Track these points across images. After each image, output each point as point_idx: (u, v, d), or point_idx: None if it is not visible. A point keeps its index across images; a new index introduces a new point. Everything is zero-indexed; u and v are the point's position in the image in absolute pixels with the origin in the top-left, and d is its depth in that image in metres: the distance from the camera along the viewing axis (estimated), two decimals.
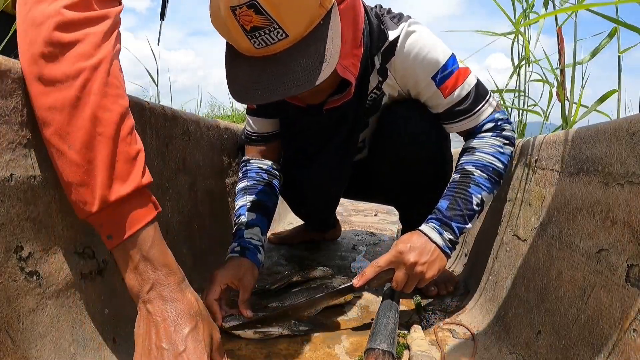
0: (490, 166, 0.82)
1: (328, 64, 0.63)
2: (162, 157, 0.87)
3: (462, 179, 0.82)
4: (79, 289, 0.60)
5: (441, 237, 0.78)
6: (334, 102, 0.81)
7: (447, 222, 0.79)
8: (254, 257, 0.86)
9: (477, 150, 0.85)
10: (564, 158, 0.66)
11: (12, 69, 0.51)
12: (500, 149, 0.84)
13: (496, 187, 0.84)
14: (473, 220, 0.81)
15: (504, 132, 0.85)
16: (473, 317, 0.84)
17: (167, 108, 0.91)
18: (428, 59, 0.82)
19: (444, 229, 0.79)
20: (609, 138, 0.53)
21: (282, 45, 0.62)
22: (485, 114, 0.86)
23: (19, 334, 0.49)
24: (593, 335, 0.49)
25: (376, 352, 0.64)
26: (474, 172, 0.82)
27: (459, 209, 0.79)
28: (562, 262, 0.60)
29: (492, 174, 0.82)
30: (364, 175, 1.12)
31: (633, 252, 0.45)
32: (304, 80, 0.62)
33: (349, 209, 2.39)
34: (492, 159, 0.83)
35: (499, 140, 0.84)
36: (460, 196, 0.80)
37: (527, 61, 1.06)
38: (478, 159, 0.83)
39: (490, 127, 0.85)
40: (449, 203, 0.81)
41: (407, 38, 0.83)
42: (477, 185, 0.81)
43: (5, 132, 0.51)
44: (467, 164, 0.84)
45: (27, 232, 0.53)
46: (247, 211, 0.93)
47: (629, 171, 0.48)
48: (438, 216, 0.80)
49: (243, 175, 1.01)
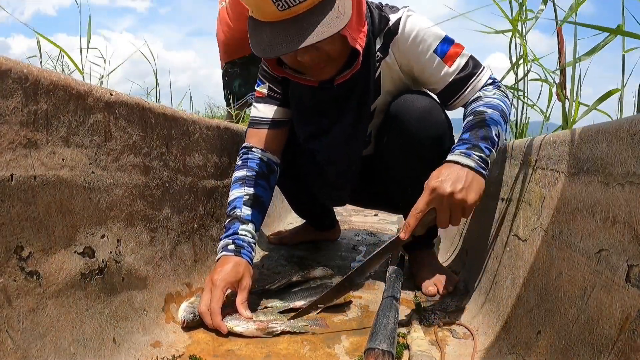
0: (499, 107, 0.86)
1: (342, 17, 0.76)
2: (162, 157, 0.87)
3: (476, 116, 0.84)
4: (79, 289, 0.60)
5: (470, 159, 0.77)
6: (344, 77, 0.89)
7: (474, 144, 0.79)
8: (248, 256, 0.87)
9: (483, 97, 0.89)
10: (564, 158, 0.66)
11: (12, 69, 0.52)
12: (504, 97, 0.90)
13: (505, 125, 0.86)
14: (495, 149, 0.81)
15: (501, 88, 0.93)
16: (473, 317, 0.84)
17: (167, 108, 0.91)
18: (428, 35, 0.91)
19: (471, 150, 0.78)
20: (610, 138, 0.53)
21: (302, 7, 0.74)
22: (487, 75, 0.93)
23: (19, 334, 0.49)
24: (593, 336, 0.49)
25: (376, 352, 0.64)
26: (486, 111, 0.85)
27: (481, 135, 0.80)
28: (562, 262, 0.60)
29: (502, 113, 0.86)
30: (369, 177, 1.12)
31: (633, 252, 0.45)
32: (321, 31, 0.74)
33: (349, 209, 2.39)
34: (499, 101, 0.88)
35: (500, 90, 0.92)
36: (480, 127, 0.81)
37: (524, 60, 1.06)
38: (486, 102, 0.87)
39: (490, 83, 0.93)
40: (470, 132, 0.81)
41: (407, 19, 0.92)
42: (492, 119, 0.83)
43: (5, 132, 0.51)
44: (477, 107, 0.87)
45: (27, 232, 0.53)
46: (243, 205, 0.92)
47: (629, 171, 0.48)
48: (461, 142, 0.80)
49: (242, 163, 0.99)
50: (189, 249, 0.96)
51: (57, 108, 0.59)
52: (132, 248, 0.75)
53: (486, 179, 0.78)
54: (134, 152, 0.77)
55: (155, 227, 0.83)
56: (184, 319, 0.77)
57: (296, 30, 0.74)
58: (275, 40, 0.75)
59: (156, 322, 0.75)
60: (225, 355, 0.71)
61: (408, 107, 0.93)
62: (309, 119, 1.02)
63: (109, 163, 0.70)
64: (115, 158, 0.72)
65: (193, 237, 0.99)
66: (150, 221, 0.82)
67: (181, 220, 0.94)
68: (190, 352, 0.70)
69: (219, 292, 0.78)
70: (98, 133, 0.68)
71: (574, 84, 0.85)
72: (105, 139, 0.69)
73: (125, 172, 0.75)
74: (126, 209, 0.74)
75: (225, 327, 0.75)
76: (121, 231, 0.73)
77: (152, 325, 0.74)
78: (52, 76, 0.58)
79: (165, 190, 0.88)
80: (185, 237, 0.96)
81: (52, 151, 0.58)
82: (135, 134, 0.77)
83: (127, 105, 0.75)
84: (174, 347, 0.72)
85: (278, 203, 1.79)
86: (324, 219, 1.48)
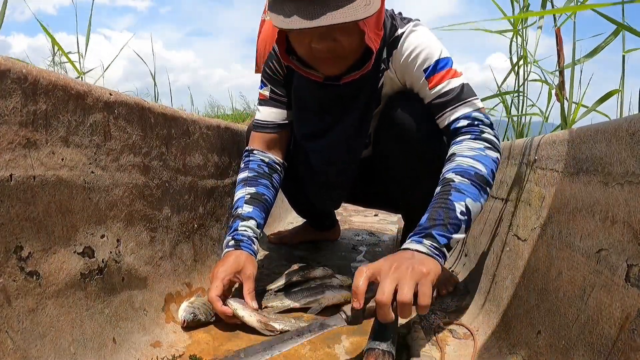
0: (470, 170, 0.76)
1: (371, 7, 0.72)
2: (162, 157, 0.87)
3: (442, 188, 0.76)
4: (79, 289, 0.60)
5: (422, 245, 0.70)
6: (353, 76, 0.86)
7: (427, 232, 0.71)
8: (249, 248, 0.87)
9: (456, 156, 0.79)
10: (563, 158, 0.66)
11: (11, 69, 0.51)
12: (481, 152, 0.78)
13: (483, 193, 0.76)
14: (460, 230, 0.72)
15: (483, 135, 0.80)
16: (473, 317, 0.84)
17: (167, 108, 0.91)
18: (423, 54, 0.86)
19: (423, 238, 0.71)
20: (609, 138, 0.53)
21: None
22: (463, 110, 0.84)
23: (19, 334, 0.49)
24: (593, 335, 0.49)
25: (376, 352, 0.64)
26: (453, 179, 0.76)
27: (440, 219, 0.72)
28: (562, 262, 0.60)
29: (475, 178, 0.75)
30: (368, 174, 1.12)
31: (633, 252, 0.45)
32: (347, 14, 0.70)
33: (349, 209, 2.39)
34: (472, 162, 0.77)
35: (478, 143, 0.80)
36: (441, 206, 0.73)
37: (525, 61, 1.06)
38: (457, 164, 0.78)
39: (465, 124, 0.82)
40: (429, 215, 0.74)
41: (409, 35, 0.88)
42: (459, 191, 0.74)
43: (4, 132, 0.51)
44: (446, 172, 0.78)
45: (27, 232, 0.53)
46: (244, 203, 0.94)
47: (628, 171, 0.48)
48: (416, 230, 0.73)
49: (245, 166, 1.01)
50: (189, 248, 0.96)
51: (56, 108, 0.59)
52: (132, 248, 0.75)
53: (441, 261, 0.69)
54: (134, 152, 0.77)
55: (155, 227, 0.83)
56: (184, 319, 0.78)
57: (321, 7, 0.71)
58: (297, 13, 0.72)
59: (156, 322, 0.75)
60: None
61: (407, 107, 0.93)
62: (310, 117, 1.00)
63: (109, 163, 0.70)
64: (115, 158, 0.72)
65: (193, 237, 0.99)
66: (150, 221, 0.82)
67: (181, 220, 0.94)
68: (190, 352, 0.70)
69: (218, 282, 0.79)
70: (97, 133, 0.68)
71: (573, 85, 0.85)
72: (104, 139, 0.69)
73: (125, 172, 0.75)
74: (126, 208, 0.74)
75: (229, 311, 0.77)
76: (121, 231, 0.73)
77: (152, 325, 0.74)
78: (51, 76, 0.58)
79: (165, 190, 0.88)
80: (185, 236, 0.96)
81: (52, 151, 0.58)
82: (134, 134, 0.77)
83: (127, 105, 0.75)
84: (174, 347, 0.72)
85: (278, 203, 1.79)
86: (325, 219, 1.48)
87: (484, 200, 0.76)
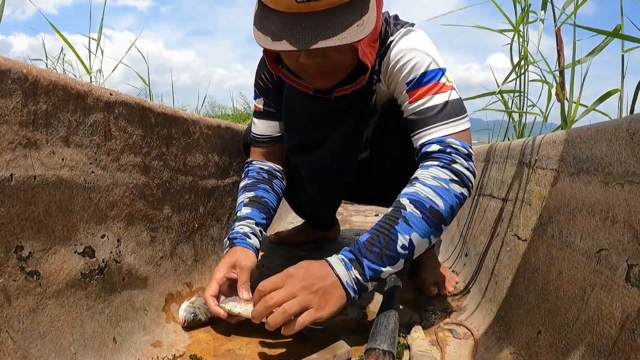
0: (427, 203, 0.69)
1: (365, 28, 0.65)
2: (162, 157, 0.87)
3: (392, 213, 0.71)
4: (79, 289, 0.60)
5: (347, 273, 0.67)
6: (345, 90, 0.81)
7: (359, 259, 0.68)
8: (243, 243, 0.87)
9: (417, 182, 0.72)
10: (563, 158, 0.66)
11: (12, 69, 0.52)
12: (445, 184, 0.71)
13: (434, 231, 0.70)
14: (395, 265, 0.69)
15: (453, 165, 0.72)
16: (473, 317, 0.84)
17: (168, 108, 0.91)
18: (410, 64, 0.79)
19: (352, 265, 0.68)
20: (609, 138, 0.53)
21: (324, 4, 0.64)
22: (437, 133, 0.75)
23: (19, 334, 0.49)
24: (593, 335, 0.49)
25: (376, 352, 0.64)
26: (405, 207, 0.70)
27: (377, 247, 0.68)
28: (562, 262, 0.60)
29: (429, 213, 0.69)
30: (365, 176, 1.11)
31: (633, 251, 0.45)
32: (338, 36, 0.64)
33: (349, 209, 2.39)
34: (431, 194, 0.70)
35: (445, 173, 0.71)
36: (384, 232, 0.69)
37: (526, 61, 1.06)
38: (415, 191, 0.71)
39: (436, 150, 0.73)
40: (369, 237, 0.70)
41: (397, 42, 0.81)
42: (407, 223, 0.68)
43: (5, 132, 0.51)
44: (402, 196, 0.72)
45: (27, 232, 0.53)
46: (243, 207, 0.95)
47: (629, 171, 0.48)
48: (353, 248, 0.70)
49: (244, 176, 1.03)
50: (189, 248, 0.96)
51: (57, 108, 0.59)
52: (133, 248, 0.75)
53: (351, 300, 0.68)
54: (134, 152, 0.77)
55: (156, 227, 0.83)
56: (184, 318, 0.78)
57: (311, 27, 0.65)
58: (284, 32, 0.65)
59: (157, 322, 0.75)
60: (226, 354, 0.71)
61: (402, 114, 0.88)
62: (299, 129, 0.97)
63: (109, 163, 0.70)
64: (115, 158, 0.72)
65: (194, 237, 0.99)
66: (151, 221, 0.82)
67: (182, 219, 0.94)
68: (190, 351, 0.70)
69: (213, 282, 0.79)
70: (98, 133, 0.68)
71: (573, 85, 0.85)
72: (105, 139, 0.69)
73: (126, 172, 0.75)
74: (126, 208, 0.74)
75: (221, 312, 0.75)
76: (121, 231, 0.73)
77: (153, 325, 0.74)
78: (52, 76, 0.58)
79: (165, 189, 0.88)
80: (186, 236, 0.96)
81: (52, 151, 0.58)
82: (135, 134, 0.77)
83: (127, 105, 0.75)
84: (174, 347, 0.72)
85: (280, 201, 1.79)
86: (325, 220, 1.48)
87: (434, 236, 0.71)
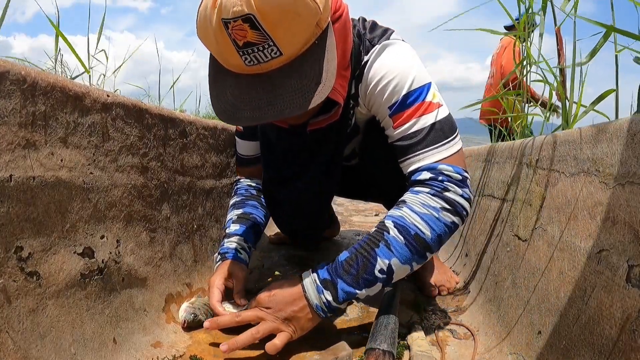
0: (412, 229, 0.67)
1: (324, 86, 0.59)
2: (160, 157, 0.87)
3: (375, 233, 0.69)
4: (79, 290, 0.60)
5: (318, 296, 0.67)
6: (319, 123, 0.77)
7: (334, 280, 0.67)
8: (234, 256, 0.89)
9: (405, 205, 0.69)
10: (564, 158, 0.66)
11: (10, 71, 0.51)
12: (435, 213, 0.68)
13: (417, 258, 0.68)
14: (371, 288, 0.67)
15: (445, 193, 0.69)
16: (473, 317, 0.84)
17: (164, 109, 0.91)
18: (389, 87, 0.73)
19: (326, 285, 0.67)
20: (610, 138, 0.53)
21: (275, 63, 0.58)
22: (428, 160, 0.71)
23: (20, 335, 0.49)
24: (594, 336, 0.48)
25: (376, 352, 0.64)
26: (389, 230, 0.68)
27: (354, 269, 0.67)
28: (562, 262, 0.60)
29: (413, 240, 0.67)
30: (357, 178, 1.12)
31: (634, 252, 0.45)
32: (298, 101, 0.58)
33: (349, 209, 2.39)
34: (418, 221, 0.67)
35: (436, 201, 0.68)
36: (363, 254, 0.67)
37: (528, 62, 1.06)
38: (401, 215, 0.68)
39: (427, 178, 0.70)
40: (348, 257, 0.68)
41: (373, 63, 0.76)
42: (388, 247, 0.67)
43: (4, 133, 0.51)
44: (388, 218, 0.69)
45: (27, 232, 0.53)
46: (232, 224, 0.96)
47: (629, 171, 0.48)
48: (330, 267, 0.69)
49: (233, 193, 1.06)
50: (188, 249, 0.96)
51: (55, 109, 0.59)
52: (132, 248, 0.75)
53: (322, 319, 0.69)
54: (132, 153, 0.77)
55: (155, 228, 0.83)
56: (184, 319, 0.78)
57: (266, 93, 0.59)
58: (240, 101, 0.60)
59: (157, 322, 0.75)
60: (226, 355, 0.70)
61: None
62: (276, 161, 0.94)
63: (107, 164, 0.70)
64: (114, 159, 0.72)
65: (193, 238, 0.99)
66: (150, 221, 0.82)
67: (180, 220, 0.94)
68: (190, 352, 0.70)
69: (215, 289, 0.81)
70: (96, 134, 0.68)
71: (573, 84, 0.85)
72: (103, 140, 0.69)
73: (124, 173, 0.75)
74: (125, 209, 0.74)
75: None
76: (120, 231, 0.72)
77: (153, 325, 0.74)
78: (50, 77, 0.58)
79: (164, 190, 0.88)
80: (185, 237, 0.96)
81: (51, 152, 0.58)
82: (132, 135, 0.77)
83: (124, 106, 0.75)
84: (174, 347, 0.72)
85: None
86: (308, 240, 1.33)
87: (417, 263, 0.69)
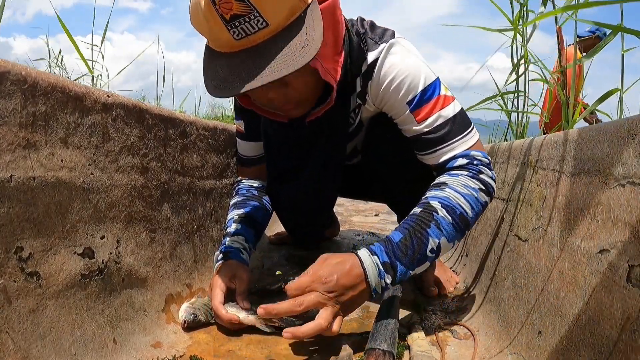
0: (458, 209, 0.70)
1: (310, 47, 0.61)
2: (160, 158, 0.87)
3: (423, 213, 0.70)
4: (79, 290, 0.60)
5: (379, 280, 0.68)
6: (316, 113, 0.78)
7: (394, 263, 0.68)
8: (238, 257, 0.88)
9: (447, 187, 0.73)
10: (565, 158, 0.65)
11: (11, 71, 0.51)
12: (475, 193, 0.73)
13: (458, 237, 0.72)
14: (423, 266, 0.70)
15: (480, 175, 0.74)
16: (473, 317, 0.84)
17: (164, 109, 0.91)
18: (405, 83, 0.77)
19: (387, 269, 0.68)
20: (611, 138, 0.53)
21: (262, 35, 0.60)
22: (460, 148, 0.77)
23: (20, 335, 0.49)
24: (594, 336, 0.48)
25: (376, 352, 0.64)
26: (437, 211, 0.70)
27: (411, 250, 0.68)
28: (563, 262, 0.60)
29: (459, 219, 0.70)
30: (358, 176, 1.12)
31: (634, 252, 0.45)
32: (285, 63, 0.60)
33: (349, 209, 2.39)
34: (463, 201, 0.71)
35: (475, 182, 0.73)
36: (417, 234, 0.69)
37: (526, 61, 1.06)
38: (447, 196, 0.71)
39: (464, 163, 0.76)
40: (403, 237, 0.69)
41: (384, 61, 0.78)
42: (438, 227, 0.69)
43: (4, 134, 0.51)
44: (433, 199, 0.71)
45: (27, 232, 0.53)
46: (233, 223, 0.96)
47: (630, 172, 0.48)
48: (387, 248, 0.69)
49: (235, 193, 1.05)
50: (189, 249, 0.96)
51: (55, 109, 0.59)
52: (132, 249, 0.75)
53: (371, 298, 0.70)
54: (132, 153, 0.77)
55: (155, 228, 0.83)
56: (184, 319, 0.78)
57: (254, 63, 0.60)
58: (230, 76, 0.61)
59: (157, 322, 0.75)
60: (226, 355, 0.71)
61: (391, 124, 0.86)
62: (278, 157, 0.96)
63: (108, 164, 0.70)
64: (114, 159, 0.72)
65: (193, 238, 0.99)
66: (150, 222, 0.82)
67: (180, 220, 0.94)
68: (191, 352, 0.70)
69: (218, 290, 0.80)
70: (96, 134, 0.68)
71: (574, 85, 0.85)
72: (103, 140, 0.69)
73: (124, 173, 0.75)
74: (125, 209, 0.74)
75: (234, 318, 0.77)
76: (121, 232, 0.73)
77: (153, 325, 0.74)
78: (50, 78, 0.58)
79: (164, 191, 0.88)
80: (185, 237, 0.96)
81: (51, 152, 0.58)
82: (133, 135, 0.77)
83: (125, 107, 0.75)
84: (174, 347, 0.72)
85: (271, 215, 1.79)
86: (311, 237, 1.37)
87: (457, 241, 0.73)
